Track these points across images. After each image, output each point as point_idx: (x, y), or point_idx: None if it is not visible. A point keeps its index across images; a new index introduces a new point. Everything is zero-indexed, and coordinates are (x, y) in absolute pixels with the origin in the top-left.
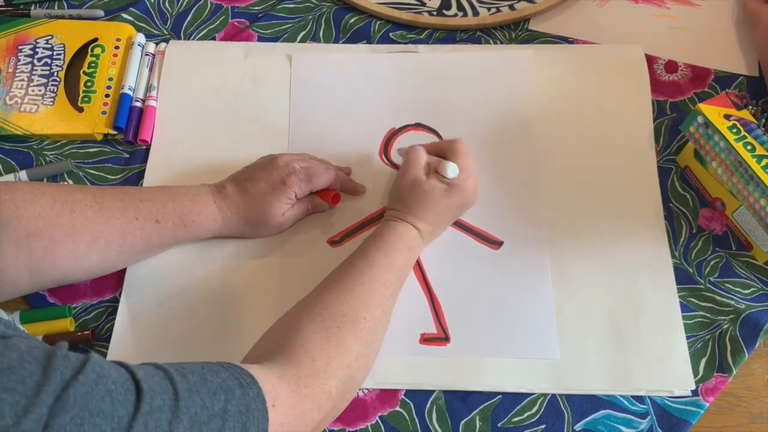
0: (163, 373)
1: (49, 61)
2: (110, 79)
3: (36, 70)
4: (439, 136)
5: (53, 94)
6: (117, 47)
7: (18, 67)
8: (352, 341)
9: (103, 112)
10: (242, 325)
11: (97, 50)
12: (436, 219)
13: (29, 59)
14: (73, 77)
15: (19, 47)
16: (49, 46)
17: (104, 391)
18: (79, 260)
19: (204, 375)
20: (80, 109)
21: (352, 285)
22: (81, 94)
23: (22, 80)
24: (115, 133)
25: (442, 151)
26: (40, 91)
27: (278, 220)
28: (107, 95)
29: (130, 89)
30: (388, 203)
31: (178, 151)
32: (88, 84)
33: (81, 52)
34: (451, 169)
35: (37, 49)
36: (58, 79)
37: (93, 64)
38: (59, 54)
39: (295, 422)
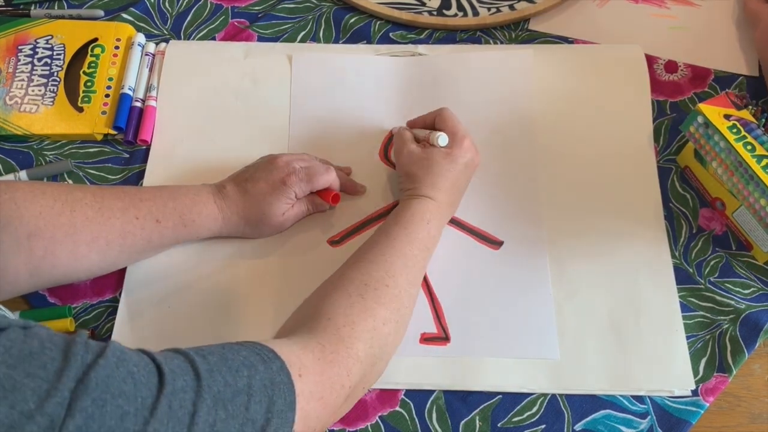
0: (182, 356)
1: (49, 61)
2: (110, 79)
3: (36, 70)
4: None
5: (53, 94)
6: (117, 47)
7: (18, 67)
8: (376, 306)
9: (103, 112)
10: (242, 325)
11: (97, 50)
12: (447, 185)
13: (29, 59)
14: (73, 77)
15: (19, 47)
16: (49, 46)
17: (126, 373)
18: (80, 260)
19: (224, 354)
20: (80, 109)
21: (373, 257)
22: (81, 94)
23: (22, 80)
24: (115, 133)
25: (429, 124)
26: (40, 91)
27: (278, 220)
28: (107, 95)
29: (130, 89)
30: (400, 186)
31: (178, 151)
32: (88, 84)
33: (81, 52)
34: (442, 138)
35: (37, 49)
36: (58, 79)
37: (93, 64)
38: (59, 54)
39: (325, 389)
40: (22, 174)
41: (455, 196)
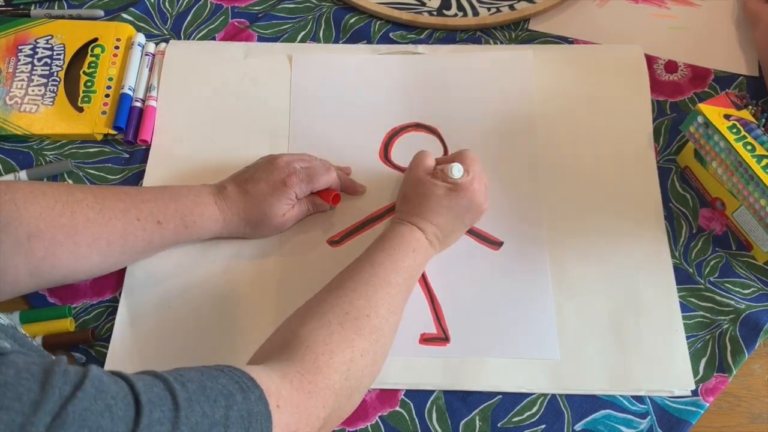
0: (162, 383)
1: (49, 61)
2: (110, 79)
3: (36, 70)
4: (440, 136)
5: (53, 94)
6: (117, 47)
7: (18, 67)
8: (355, 337)
9: (103, 112)
10: (242, 325)
11: (97, 50)
12: (441, 221)
13: (29, 59)
14: (73, 77)
15: (19, 47)
16: (49, 46)
17: (103, 407)
18: (80, 261)
19: (203, 382)
20: (80, 109)
21: (355, 285)
22: (81, 94)
23: (22, 80)
24: (115, 133)
25: (451, 159)
26: (40, 91)
27: (279, 220)
28: (107, 95)
29: (130, 89)
30: (396, 206)
31: (178, 151)
32: (88, 84)
33: (81, 52)
34: (456, 169)
35: (37, 49)
36: (58, 79)
37: (93, 64)
38: (59, 54)
39: (301, 420)
40: (22, 174)
41: (449, 233)
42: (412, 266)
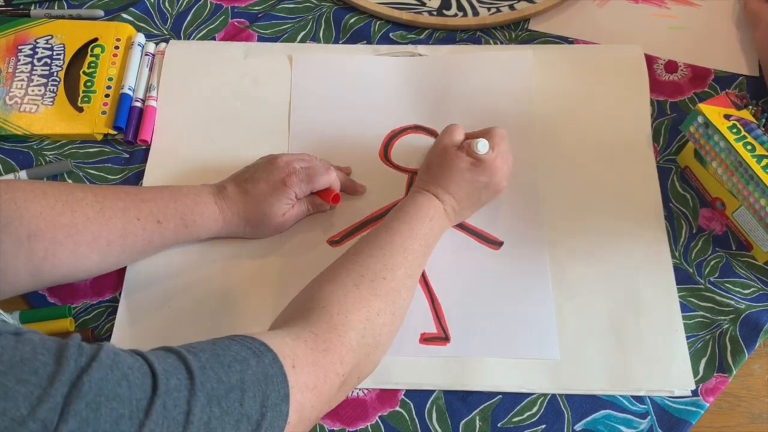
0: (174, 354)
1: (48, 61)
2: (110, 79)
3: (36, 70)
4: None
5: (53, 94)
6: (117, 47)
7: (18, 67)
8: (371, 297)
9: (103, 112)
10: (242, 325)
11: (97, 50)
12: (461, 193)
13: (29, 59)
14: (73, 77)
15: (19, 47)
16: (49, 46)
17: (120, 376)
18: (80, 260)
19: (215, 350)
20: (80, 109)
21: (371, 250)
22: (81, 94)
23: (22, 80)
24: (115, 133)
25: (480, 134)
26: (39, 91)
27: (279, 220)
28: (107, 95)
29: (129, 89)
30: (418, 175)
31: (178, 151)
32: (88, 84)
33: (81, 52)
34: (482, 144)
35: (36, 49)
36: (58, 79)
37: (93, 64)
38: (59, 54)
39: (319, 378)
40: (22, 174)
41: (466, 207)
42: (429, 234)
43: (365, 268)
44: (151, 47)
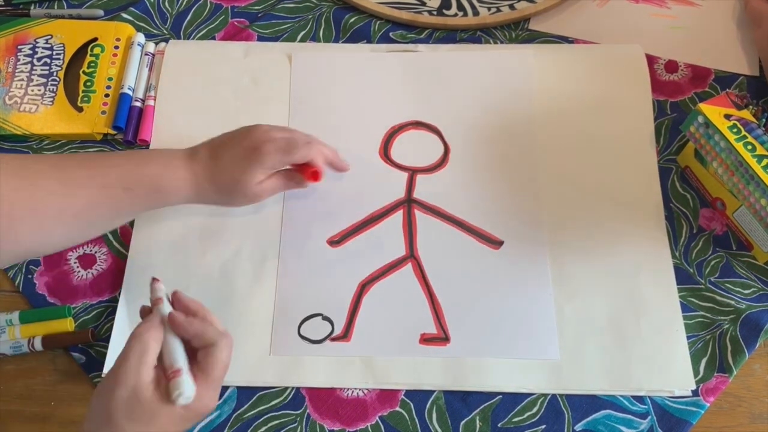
0: None
1: (48, 60)
2: (110, 79)
3: (35, 69)
4: (440, 134)
5: (53, 94)
6: (117, 47)
7: (17, 66)
8: None
9: (103, 112)
10: (241, 326)
11: (97, 50)
12: None
13: (29, 59)
14: (73, 77)
15: (19, 47)
16: (49, 45)
17: None
18: (45, 236)
19: None
20: (80, 109)
21: None
22: (80, 94)
23: (22, 80)
24: (114, 132)
25: (191, 337)
26: (39, 90)
27: (252, 189)
28: (107, 95)
29: (129, 89)
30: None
31: None
32: (88, 84)
33: (80, 52)
34: (184, 397)
35: (36, 49)
36: (58, 79)
37: (93, 64)
38: (59, 54)
39: None
40: None
41: None
42: None
43: None
44: (150, 47)
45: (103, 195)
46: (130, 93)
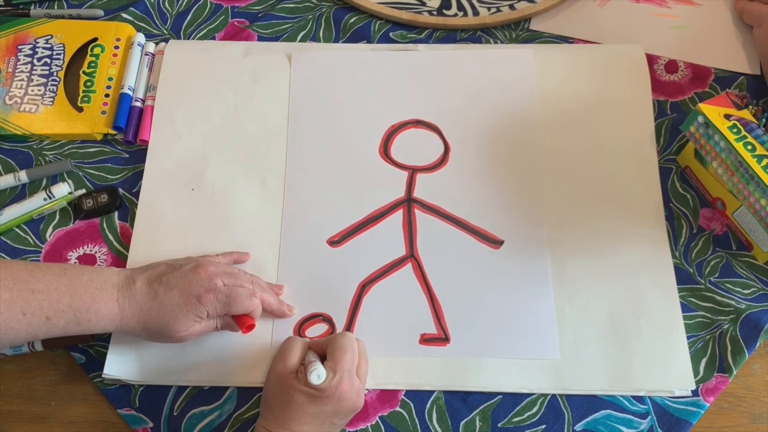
0: None
1: (48, 60)
2: (110, 79)
3: (36, 69)
4: (440, 133)
5: (53, 94)
6: (117, 47)
7: (18, 66)
8: None
9: (103, 112)
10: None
11: (97, 50)
12: (308, 429)
13: (29, 59)
14: (73, 77)
15: (19, 47)
16: (49, 45)
17: None
18: None
19: None
20: (80, 109)
21: None
22: (81, 94)
23: (22, 80)
24: (114, 132)
25: (324, 347)
26: (39, 90)
27: (180, 335)
28: (107, 95)
29: (129, 89)
30: (260, 410)
31: (177, 151)
32: (88, 84)
33: (81, 52)
34: (316, 375)
35: (36, 49)
36: (58, 79)
37: (93, 64)
38: (59, 54)
39: None
40: (22, 174)
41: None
42: None
43: None
44: (151, 47)
45: (20, 322)
46: (130, 93)
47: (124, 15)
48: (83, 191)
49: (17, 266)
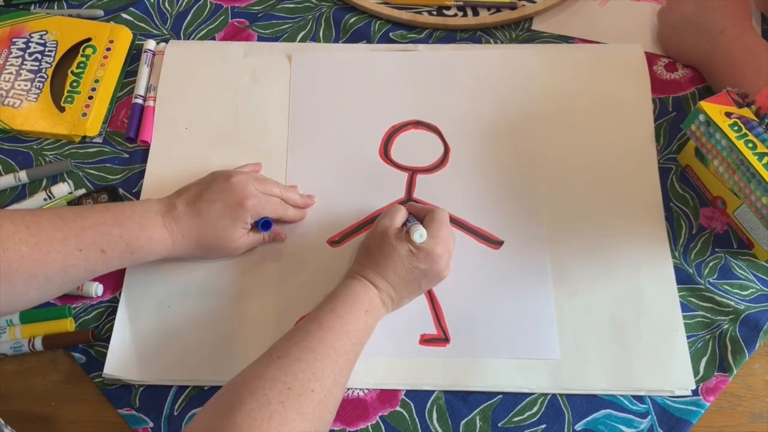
0: None
1: (39, 56)
2: (96, 81)
3: (26, 64)
4: (440, 134)
5: (38, 91)
6: (108, 49)
7: (9, 59)
8: (297, 417)
9: (84, 114)
10: (242, 326)
11: (89, 50)
12: (399, 282)
13: (21, 53)
14: (61, 76)
15: (13, 40)
16: (43, 41)
17: None
18: (17, 298)
19: None
20: (62, 109)
21: (301, 353)
22: (65, 94)
23: (11, 73)
24: (92, 136)
25: (422, 215)
26: (26, 86)
27: (234, 244)
28: (90, 97)
29: (139, 97)
30: (355, 258)
31: (177, 150)
32: (74, 84)
33: (73, 51)
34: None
35: (30, 44)
36: (45, 76)
37: (82, 65)
38: (51, 51)
39: None
40: (22, 174)
41: (404, 296)
42: (363, 329)
43: (293, 377)
44: (151, 44)
45: (78, 258)
46: (141, 102)
47: (124, 15)
48: (83, 191)
49: (61, 209)
